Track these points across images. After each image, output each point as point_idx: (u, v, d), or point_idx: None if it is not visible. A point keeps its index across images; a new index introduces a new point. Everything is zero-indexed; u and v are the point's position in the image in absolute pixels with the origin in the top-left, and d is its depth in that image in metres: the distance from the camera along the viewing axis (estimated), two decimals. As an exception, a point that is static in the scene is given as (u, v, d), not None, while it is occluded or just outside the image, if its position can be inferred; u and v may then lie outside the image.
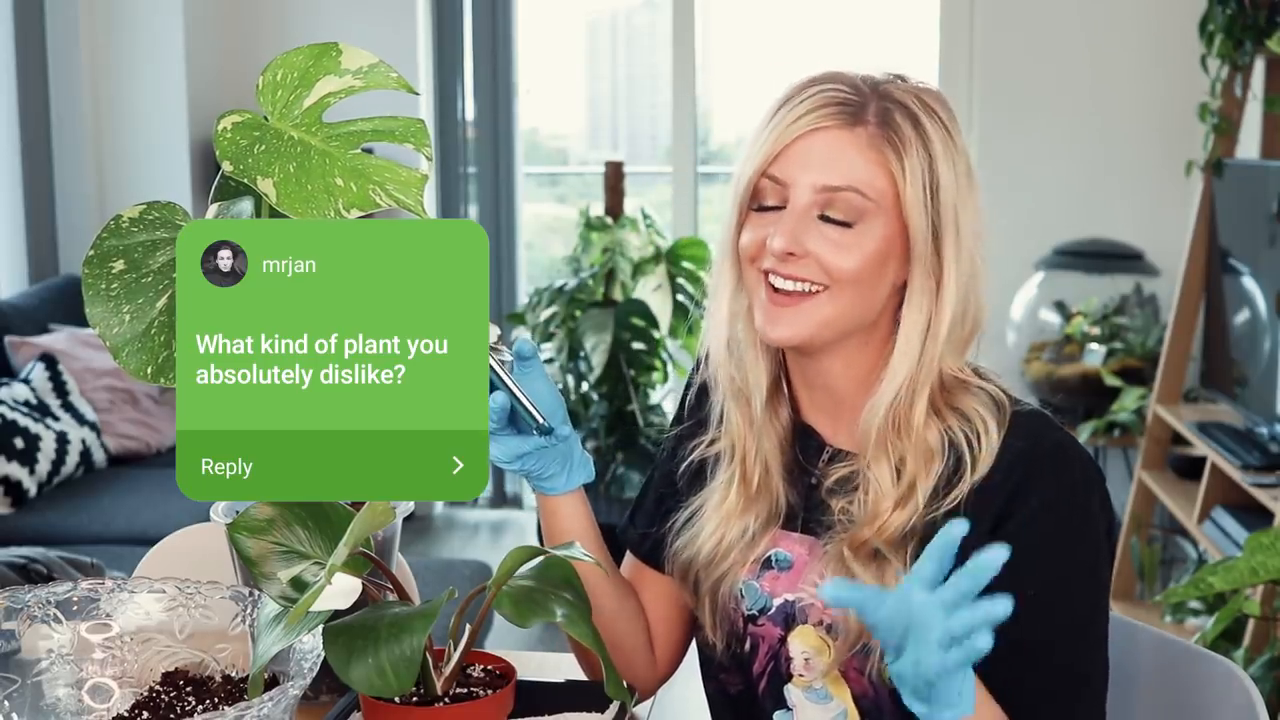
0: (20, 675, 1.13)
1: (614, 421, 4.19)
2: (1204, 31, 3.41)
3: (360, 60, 1.21)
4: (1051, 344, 4.09)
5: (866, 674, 1.24)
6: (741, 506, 1.30)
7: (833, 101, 1.21)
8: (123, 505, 3.49)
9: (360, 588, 1.06)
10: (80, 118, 4.40)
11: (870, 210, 1.20)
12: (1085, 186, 4.26)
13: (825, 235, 1.20)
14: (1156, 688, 1.40)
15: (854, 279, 1.21)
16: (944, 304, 1.22)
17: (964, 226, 1.22)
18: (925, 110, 1.22)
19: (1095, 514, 1.22)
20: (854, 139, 1.20)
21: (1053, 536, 1.20)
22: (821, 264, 1.20)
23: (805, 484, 1.31)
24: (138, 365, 1.10)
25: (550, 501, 1.32)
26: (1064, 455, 1.22)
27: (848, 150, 1.20)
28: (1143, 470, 3.71)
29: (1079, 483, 1.21)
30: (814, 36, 5.00)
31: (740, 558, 1.30)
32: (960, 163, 1.23)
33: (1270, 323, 3.12)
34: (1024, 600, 1.19)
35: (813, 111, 1.21)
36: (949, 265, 1.22)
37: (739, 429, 1.31)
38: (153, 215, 1.17)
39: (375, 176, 1.15)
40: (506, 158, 4.83)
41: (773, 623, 1.29)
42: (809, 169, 1.20)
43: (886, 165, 1.20)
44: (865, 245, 1.20)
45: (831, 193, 1.20)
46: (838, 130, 1.20)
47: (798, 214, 1.21)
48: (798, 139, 1.21)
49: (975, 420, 1.23)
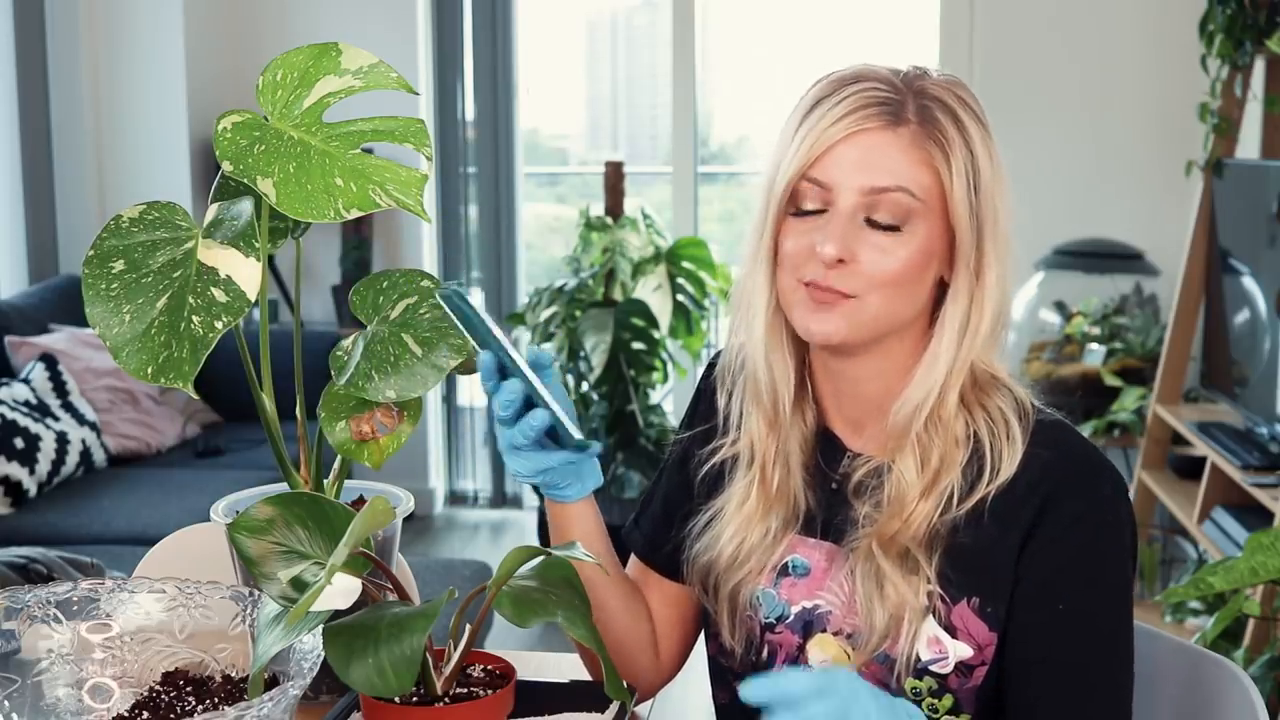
0: (20, 675, 1.13)
1: (614, 421, 4.19)
2: (1204, 31, 3.41)
3: (360, 60, 1.21)
4: (1051, 344, 4.09)
5: (891, 684, 1.23)
6: (762, 509, 1.28)
7: (873, 101, 1.19)
8: (123, 505, 3.49)
9: (360, 588, 1.06)
10: (80, 118, 4.41)
11: (917, 210, 1.19)
12: (1085, 186, 4.26)
13: (871, 242, 1.18)
14: (1156, 688, 1.40)
15: (898, 281, 1.19)
16: (985, 299, 1.21)
17: (1001, 219, 1.21)
18: (961, 104, 1.21)
19: (1124, 525, 1.22)
20: (898, 139, 1.18)
21: (1085, 551, 1.20)
22: (867, 274, 1.18)
23: (826, 488, 1.29)
24: (138, 365, 1.10)
25: (562, 508, 1.30)
26: (1093, 467, 1.22)
27: (892, 151, 1.18)
28: (1143, 470, 3.71)
29: (1109, 495, 1.21)
30: (814, 36, 5.00)
31: (760, 561, 1.29)
32: (995, 156, 1.22)
33: (1270, 323, 3.12)
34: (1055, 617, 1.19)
35: (854, 112, 1.18)
36: (990, 260, 1.21)
37: (759, 430, 1.29)
38: (153, 215, 1.17)
39: (375, 176, 1.15)
40: (506, 158, 4.83)
41: (791, 630, 1.28)
42: (855, 171, 1.18)
43: (932, 164, 1.18)
44: (911, 247, 1.19)
45: (879, 194, 1.18)
46: (881, 131, 1.18)
47: (845, 218, 1.18)
48: (840, 141, 1.19)
49: (999, 420, 1.23)
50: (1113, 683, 1.20)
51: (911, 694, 1.23)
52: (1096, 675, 1.20)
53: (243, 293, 1.12)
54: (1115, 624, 1.21)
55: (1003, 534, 1.21)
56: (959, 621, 1.21)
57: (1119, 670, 1.21)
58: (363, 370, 1.21)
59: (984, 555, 1.21)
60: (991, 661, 1.22)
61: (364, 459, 1.26)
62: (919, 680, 1.22)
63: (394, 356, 1.22)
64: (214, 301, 1.11)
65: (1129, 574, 1.22)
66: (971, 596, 1.21)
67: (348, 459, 1.28)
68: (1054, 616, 1.20)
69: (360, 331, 1.25)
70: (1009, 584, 1.21)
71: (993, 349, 1.25)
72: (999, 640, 1.21)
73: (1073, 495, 1.20)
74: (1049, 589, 1.20)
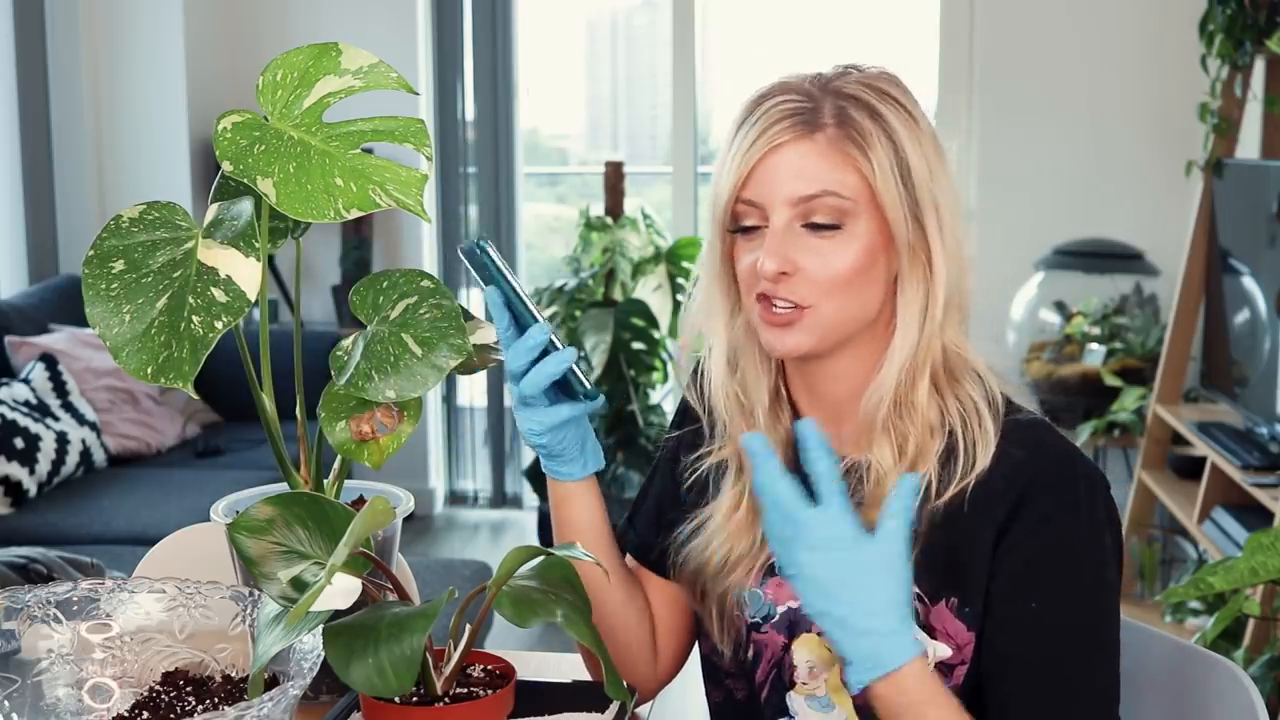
0: (20, 675, 1.13)
1: (614, 421, 4.19)
2: (1204, 31, 3.41)
3: (360, 60, 1.21)
4: (1051, 344, 4.09)
5: None
6: (750, 516, 1.29)
7: (785, 114, 1.20)
8: (123, 505, 3.49)
9: (360, 588, 1.06)
10: (80, 118, 4.41)
11: (850, 210, 1.20)
12: (1085, 186, 4.26)
13: (812, 247, 1.20)
14: (1156, 688, 1.40)
15: (847, 283, 1.21)
16: (937, 283, 1.22)
17: (941, 202, 1.22)
18: (879, 96, 1.21)
19: (1100, 524, 1.21)
20: (815, 145, 1.20)
21: (1056, 550, 1.20)
22: (813, 280, 1.20)
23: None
24: (138, 365, 1.10)
25: (563, 488, 1.31)
26: (1066, 467, 1.22)
27: (811, 158, 1.20)
28: (1143, 470, 3.71)
29: (1081, 495, 1.21)
30: (814, 36, 5.00)
31: (748, 566, 1.29)
32: (925, 141, 1.22)
33: (1270, 323, 3.12)
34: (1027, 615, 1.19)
35: (769, 129, 1.20)
36: (935, 244, 1.22)
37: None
38: (153, 215, 1.17)
39: (375, 176, 1.15)
40: (506, 158, 4.83)
41: (776, 630, 1.29)
42: (780, 185, 1.20)
43: (854, 163, 1.20)
44: (854, 247, 1.20)
45: (807, 202, 1.20)
46: (797, 142, 1.20)
47: (780, 231, 1.20)
48: (761, 159, 1.21)
49: (970, 410, 1.24)
50: (1090, 681, 1.20)
51: None
52: (1072, 673, 1.19)
53: (243, 293, 1.12)
54: (1091, 622, 1.20)
55: (978, 532, 1.21)
56: (937, 622, 1.22)
57: (1099, 668, 1.20)
58: (363, 370, 1.21)
59: (960, 555, 1.21)
60: (971, 661, 1.22)
61: (364, 459, 1.26)
62: None
63: (394, 356, 1.22)
64: (214, 301, 1.11)
65: (1108, 574, 1.21)
66: (950, 597, 1.22)
67: (348, 459, 1.28)
68: (1026, 614, 1.20)
69: (360, 331, 1.25)
70: (984, 582, 1.21)
71: (956, 328, 1.25)
72: (977, 639, 1.22)
73: (1045, 494, 1.20)
74: (1020, 586, 1.20)
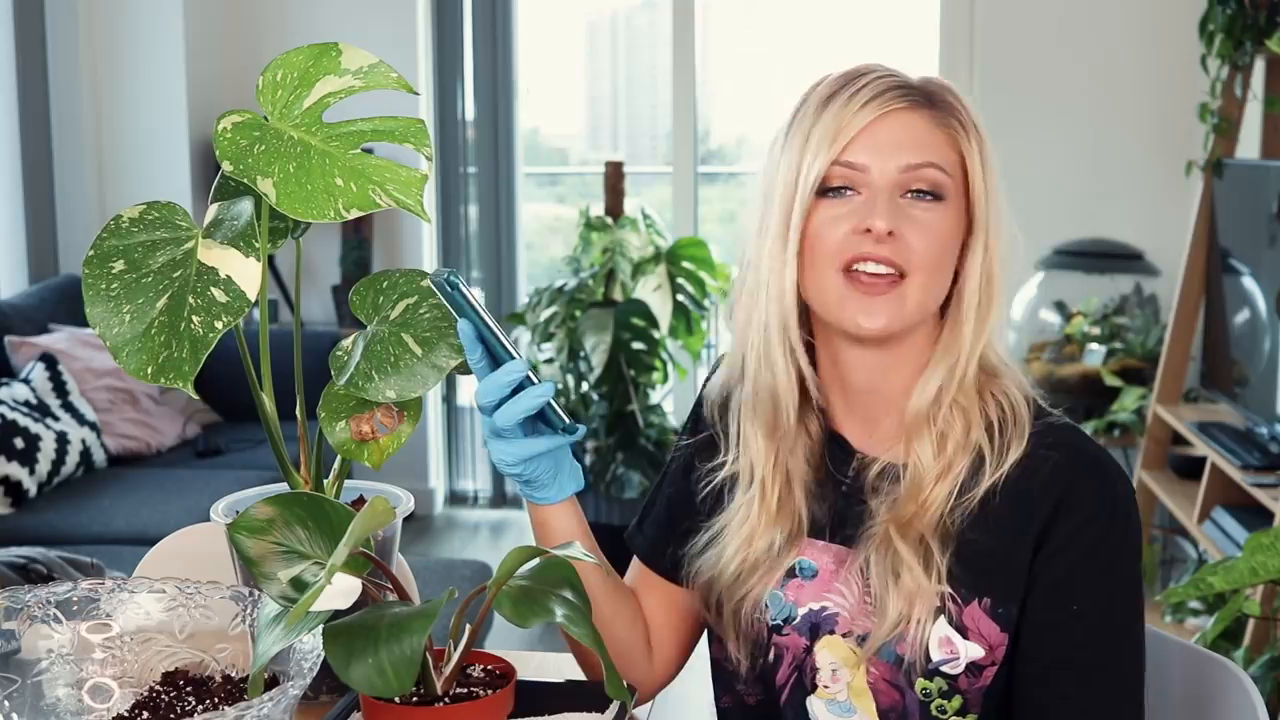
0: (20, 675, 1.13)
1: (614, 421, 4.19)
2: (1204, 31, 3.41)
3: (360, 60, 1.21)
4: (1051, 344, 4.09)
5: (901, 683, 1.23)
6: (764, 525, 1.29)
7: (894, 85, 1.23)
8: (123, 505, 3.49)
9: (360, 588, 1.06)
10: (80, 118, 4.41)
11: (948, 186, 1.22)
12: (1085, 186, 4.26)
13: (912, 215, 1.21)
14: (1156, 688, 1.40)
15: (939, 256, 1.22)
16: (995, 280, 1.25)
17: (1003, 207, 1.26)
18: (958, 98, 1.27)
19: (1135, 525, 1.23)
20: (924, 119, 1.23)
21: (1099, 551, 1.21)
22: (912, 246, 1.20)
23: (835, 494, 1.30)
24: (138, 365, 1.10)
25: (541, 512, 1.29)
26: (1104, 469, 1.23)
27: (921, 128, 1.22)
28: (1143, 470, 3.71)
29: (1119, 497, 1.22)
30: (814, 36, 5.00)
31: (763, 577, 1.29)
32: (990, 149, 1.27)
33: (1270, 323, 3.12)
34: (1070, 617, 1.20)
35: (881, 94, 1.22)
36: (997, 245, 1.25)
37: (759, 446, 1.29)
38: (153, 215, 1.17)
39: (375, 176, 1.14)
40: (506, 158, 4.83)
41: (798, 633, 1.28)
42: (891, 150, 1.21)
43: (955, 143, 1.23)
44: (947, 222, 1.22)
45: (915, 170, 1.21)
46: (908, 111, 1.22)
47: (886, 193, 1.21)
48: (872, 122, 1.22)
49: (1006, 405, 1.25)
50: (1126, 682, 1.21)
51: (921, 694, 1.23)
52: (1112, 675, 1.20)
53: (243, 293, 1.12)
54: (1129, 622, 1.22)
55: (1016, 536, 1.21)
56: (970, 622, 1.22)
57: (1132, 670, 1.22)
58: (363, 370, 1.21)
59: (995, 556, 1.22)
60: (1001, 662, 1.22)
61: (364, 459, 1.26)
62: (929, 681, 1.23)
63: (394, 356, 1.21)
64: (214, 301, 1.11)
65: (1140, 574, 1.24)
66: (983, 597, 1.22)
67: (348, 459, 1.28)
68: (1070, 617, 1.21)
69: (360, 331, 1.25)
70: (1021, 586, 1.21)
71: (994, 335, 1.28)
72: (1009, 641, 1.22)
73: (1087, 496, 1.21)
74: (1064, 590, 1.21)
